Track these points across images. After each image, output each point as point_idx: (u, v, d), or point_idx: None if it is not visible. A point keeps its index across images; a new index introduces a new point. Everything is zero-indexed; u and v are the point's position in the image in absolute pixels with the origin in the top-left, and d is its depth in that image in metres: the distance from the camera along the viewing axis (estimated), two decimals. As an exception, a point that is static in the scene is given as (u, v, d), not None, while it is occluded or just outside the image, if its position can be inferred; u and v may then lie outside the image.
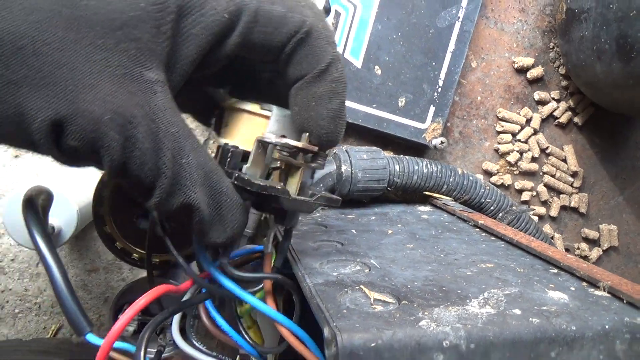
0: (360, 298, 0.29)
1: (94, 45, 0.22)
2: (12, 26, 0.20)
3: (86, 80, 0.22)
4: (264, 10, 0.26)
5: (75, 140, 0.22)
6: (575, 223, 0.69)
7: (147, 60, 0.23)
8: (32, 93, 0.21)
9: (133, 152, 0.23)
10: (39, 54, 0.21)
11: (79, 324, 0.28)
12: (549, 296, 0.30)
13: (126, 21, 0.23)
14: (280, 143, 0.28)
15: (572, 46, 0.58)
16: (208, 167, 0.26)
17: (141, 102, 0.23)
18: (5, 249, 0.56)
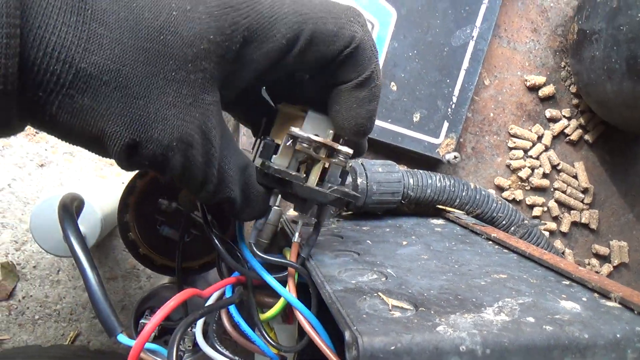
0: (379, 304, 0.30)
1: (167, 79, 0.24)
2: (99, 60, 0.22)
3: (159, 112, 0.25)
4: (318, 31, 0.28)
5: (145, 160, 0.26)
6: (585, 239, 0.69)
7: (210, 85, 0.26)
8: (113, 120, 0.24)
9: (190, 167, 0.27)
10: (120, 88, 0.23)
11: (111, 324, 0.29)
12: (562, 306, 0.31)
13: (197, 54, 0.25)
14: (304, 137, 0.32)
15: (583, 66, 0.60)
16: (243, 166, 0.30)
17: (200, 124, 0.26)
18: (28, 255, 0.58)
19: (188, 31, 0.25)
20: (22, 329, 0.58)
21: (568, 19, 0.66)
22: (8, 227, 0.57)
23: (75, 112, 0.23)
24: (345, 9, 0.30)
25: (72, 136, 0.25)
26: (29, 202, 0.57)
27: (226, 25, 0.26)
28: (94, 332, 0.60)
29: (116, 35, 0.23)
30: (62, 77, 0.22)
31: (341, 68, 0.30)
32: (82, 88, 0.22)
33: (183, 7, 0.25)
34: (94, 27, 0.22)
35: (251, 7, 0.26)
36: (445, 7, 0.58)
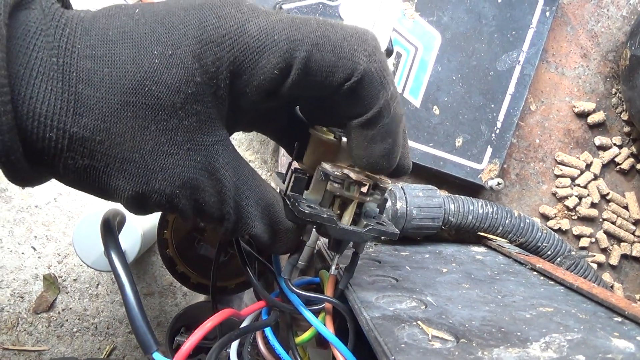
0: (418, 334, 0.29)
1: (159, 129, 0.24)
2: (89, 121, 0.23)
3: (156, 163, 0.25)
4: (313, 60, 0.26)
5: (155, 208, 0.26)
6: (637, 273, 0.66)
7: (207, 126, 0.26)
8: (114, 176, 0.24)
9: (202, 208, 0.27)
10: (114, 145, 0.24)
11: (147, 341, 0.29)
12: (614, 344, 0.29)
13: (185, 99, 0.24)
14: (334, 174, 0.30)
15: (636, 92, 0.57)
16: (266, 201, 0.29)
17: (204, 166, 0.26)
18: (70, 269, 0.59)
19: (172, 78, 0.24)
20: (61, 340, 0.59)
21: (620, 44, 0.64)
22: (52, 240, 0.58)
23: (80, 172, 0.24)
24: (348, 34, 0.26)
25: (86, 189, 0.26)
26: (73, 216, 0.58)
27: (209, 63, 0.24)
28: (130, 348, 0.60)
29: (102, 93, 0.23)
30: (59, 143, 0.23)
31: (346, 102, 0.27)
32: (79, 150, 0.23)
33: (165, 52, 0.24)
34: (80, 89, 0.22)
35: (235, 39, 0.25)
36: (491, 32, 0.57)
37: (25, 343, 0.58)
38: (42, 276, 0.58)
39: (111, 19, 0.24)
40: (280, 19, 0.26)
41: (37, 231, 0.58)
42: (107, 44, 0.23)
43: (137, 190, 0.25)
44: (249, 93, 0.26)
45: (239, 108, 0.27)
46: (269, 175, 0.60)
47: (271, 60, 0.25)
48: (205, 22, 0.25)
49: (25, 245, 0.58)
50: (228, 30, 0.25)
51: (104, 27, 0.24)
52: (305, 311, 0.32)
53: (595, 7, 0.63)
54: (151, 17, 0.25)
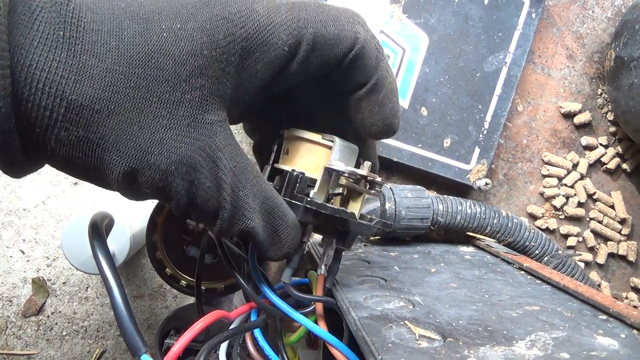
0: (405, 333, 0.29)
1: (161, 100, 0.24)
2: (90, 90, 0.22)
3: (154, 136, 0.24)
4: (320, 35, 0.27)
5: (146, 188, 0.25)
6: (623, 271, 0.67)
7: (210, 103, 0.25)
8: (108, 149, 0.23)
9: (197, 192, 0.26)
10: (113, 115, 0.23)
11: (135, 344, 0.29)
12: (598, 342, 0.29)
13: (191, 72, 0.24)
14: (348, 171, 0.31)
15: (621, 93, 0.58)
16: (265, 194, 0.28)
17: (203, 145, 0.25)
18: (59, 272, 0.58)
19: (179, 50, 0.24)
20: (50, 344, 0.59)
21: (605, 45, 0.64)
22: (41, 243, 0.58)
23: (73, 145, 0.23)
24: (343, 11, 0.29)
25: (75, 169, 0.25)
26: (62, 219, 0.58)
27: (221, 38, 0.25)
28: (120, 351, 0.60)
29: (107, 64, 0.23)
30: (55, 111, 0.22)
31: (350, 73, 0.29)
32: (75, 120, 0.22)
33: (173, 27, 0.24)
34: (84, 60, 0.22)
35: (246, 16, 0.26)
36: (477, 33, 0.58)
37: (14, 347, 0.58)
38: (30, 279, 0.58)
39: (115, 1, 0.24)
40: (282, 2, 0.27)
41: (25, 234, 0.57)
42: (114, 20, 0.23)
43: (132, 166, 0.24)
44: (259, 70, 0.27)
45: (244, 91, 0.27)
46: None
47: (282, 37, 0.26)
48: (213, 1, 0.25)
49: (14, 248, 0.57)
50: (238, 9, 0.26)
51: (110, 7, 0.24)
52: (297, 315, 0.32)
53: (581, 8, 0.64)
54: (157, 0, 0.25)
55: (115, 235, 0.49)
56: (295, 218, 0.30)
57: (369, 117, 0.31)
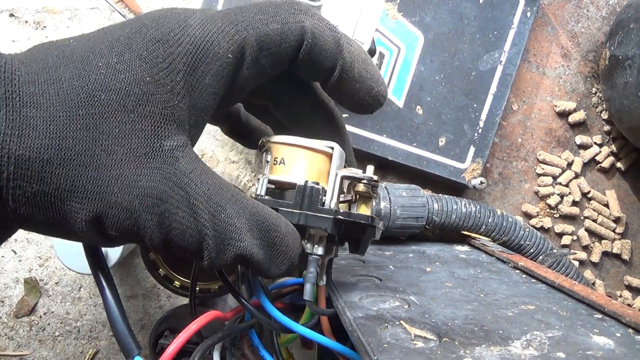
0: (401, 333, 0.29)
1: (111, 136, 0.23)
2: (35, 141, 0.21)
3: (111, 173, 0.22)
4: (262, 34, 0.26)
5: (114, 230, 0.23)
6: (617, 270, 0.67)
7: (165, 129, 0.24)
8: (67, 198, 0.22)
9: (171, 225, 0.24)
10: (65, 162, 0.22)
11: (128, 345, 0.29)
12: (594, 341, 0.29)
13: (137, 100, 0.23)
14: (367, 177, 0.30)
15: (616, 92, 0.58)
16: (250, 210, 0.26)
17: (166, 174, 0.24)
18: (51, 272, 0.58)
19: (120, 82, 0.23)
20: (42, 345, 0.58)
21: (599, 44, 0.65)
22: (33, 243, 0.57)
23: (30, 202, 0.22)
24: (282, 4, 0.28)
25: (42, 227, 0.23)
26: (54, 218, 0.57)
27: (160, 60, 0.24)
28: (113, 351, 0.59)
29: (49, 112, 0.22)
30: (5, 170, 0.21)
31: (313, 63, 0.29)
32: (26, 175, 0.21)
33: (110, 61, 0.23)
34: (25, 112, 0.21)
35: (181, 33, 0.25)
36: (473, 32, 0.58)
37: (6, 348, 0.57)
38: (23, 280, 0.57)
39: (47, 51, 0.23)
40: (216, 11, 0.26)
41: (17, 234, 0.57)
42: (49, 69, 0.22)
43: (94, 210, 0.22)
44: (209, 84, 0.25)
45: (200, 108, 0.26)
46: (253, 176, 0.60)
47: (222, 45, 0.25)
48: (144, 28, 0.24)
49: (5, 248, 0.57)
50: (171, 27, 0.25)
51: (42, 58, 0.23)
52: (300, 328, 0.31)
53: (575, 7, 0.64)
54: (88, 40, 0.24)
55: (108, 235, 0.48)
56: (289, 226, 0.28)
57: (355, 95, 0.30)
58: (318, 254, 0.30)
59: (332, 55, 0.29)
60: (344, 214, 0.29)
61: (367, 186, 0.30)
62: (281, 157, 0.31)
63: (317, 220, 0.29)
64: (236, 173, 0.60)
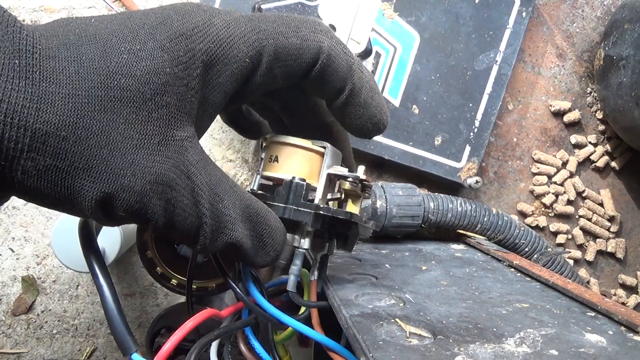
0: (396, 331, 0.29)
1: (128, 122, 0.23)
2: (53, 117, 0.22)
3: (125, 158, 0.23)
4: (281, 46, 0.27)
5: (122, 212, 0.24)
6: (612, 269, 0.68)
7: (177, 120, 0.25)
8: (79, 176, 0.23)
9: (175, 211, 0.25)
10: (80, 141, 0.22)
11: (126, 342, 0.29)
12: (587, 339, 0.30)
13: (155, 90, 0.24)
14: (352, 176, 0.31)
15: (610, 92, 0.59)
16: (244, 203, 0.28)
17: (176, 162, 0.25)
18: (49, 270, 0.58)
19: (141, 70, 0.24)
20: (40, 342, 0.59)
21: (594, 44, 0.65)
22: (30, 241, 0.57)
23: (41, 175, 0.22)
24: (305, 21, 0.29)
25: (45, 199, 0.24)
26: (52, 217, 0.57)
27: (181, 54, 0.25)
28: (110, 349, 0.60)
29: (68, 90, 0.22)
30: (20, 142, 0.21)
31: (323, 82, 0.30)
32: (41, 149, 0.22)
33: (133, 48, 0.24)
34: (44, 87, 0.22)
35: (205, 31, 0.26)
36: (468, 32, 0.58)
37: (3, 346, 0.58)
38: (20, 278, 0.57)
39: (68, 27, 0.24)
40: (241, 14, 0.27)
41: (15, 233, 0.57)
42: (70, 46, 0.23)
43: (105, 191, 0.23)
44: (222, 83, 0.26)
45: (210, 104, 0.27)
46: (249, 175, 0.60)
47: (242, 49, 0.26)
48: (169, 19, 0.25)
49: (3, 246, 0.57)
50: (196, 24, 0.25)
51: (63, 34, 0.23)
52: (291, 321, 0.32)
53: (571, 8, 0.64)
54: (111, 22, 0.24)
55: (105, 233, 0.48)
56: (277, 220, 0.30)
57: (357, 120, 0.31)
58: (304, 247, 0.31)
59: (342, 78, 0.30)
60: (324, 209, 0.30)
61: (353, 184, 0.31)
62: (275, 155, 0.32)
63: (299, 214, 0.30)
64: (233, 172, 0.60)
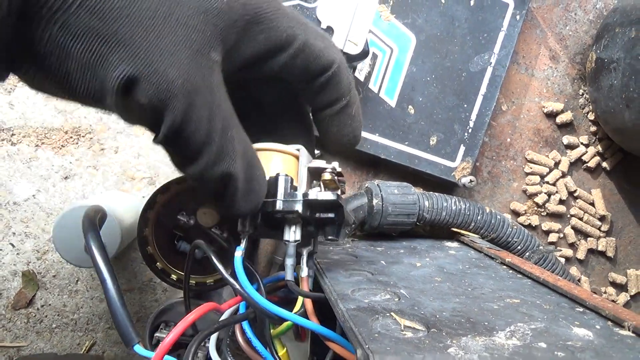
0: (391, 324, 0.30)
1: (180, 22, 0.25)
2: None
3: (168, 47, 0.24)
4: (310, 43, 0.30)
5: (145, 97, 0.24)
6: (602, 267, 0.69)
7: (217, 44, 0.26)
8: (119, 47, 0.23)
9: (191, 118, 0.25)
10: (132, 16, 0.23)
11: (128, 334, 0.30)
12: (574, 332, 0.31)
13: (211, 9, 0.26)
14: (330, 167, 0.34)
15: (601, 94, 0.60)
16: (246, 142, 0.30)
17: (206, 76, 0.26)
18: (49, 265, 0.59)
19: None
20: (40, 336, 0.59)
21: (586, 47, 0.66)
22: (31, 237, 0.58)
23: (79, 35, 0.22)
24: (327, 35, 0.33)
25: (66, 68, 0.23)
26: (52, 212, 0.58)
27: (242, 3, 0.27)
28: (109, 343, 0.60)
29: None
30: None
31: (325, 90, 0.33)
32: (92, 8, 0.22)
33: None
34: None
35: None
36: (463, 34, 0.59)
37: (3, 339, 0.58)
38: (20, 272, 0.58)
39: None
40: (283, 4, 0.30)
41: (15, 228, 0.58)
42: None
43: (138, 68, 0.23)
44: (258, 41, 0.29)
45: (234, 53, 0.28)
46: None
47: (283, 24, 0.29)
48: None
49: (4, 241, 0.57)
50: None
51: None
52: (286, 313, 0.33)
53: (564, 11, 0.65)
54: None
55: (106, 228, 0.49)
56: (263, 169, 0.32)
57: (343, 129, 0.35)
58: (296, 239, 0.34)
59: (343, 89, 0.33)
60: (311, 196, 0.32)
61: (332, 174, 0.34)
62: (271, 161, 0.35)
63: (290, 205, 0.32)
64: (231, 170, 0.61)
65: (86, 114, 0.59)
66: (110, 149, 0.59)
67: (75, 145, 0.58)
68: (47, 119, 0.58)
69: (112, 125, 0.59)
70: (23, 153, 0.57)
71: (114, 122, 0.59)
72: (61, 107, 0.58)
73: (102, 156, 0.59)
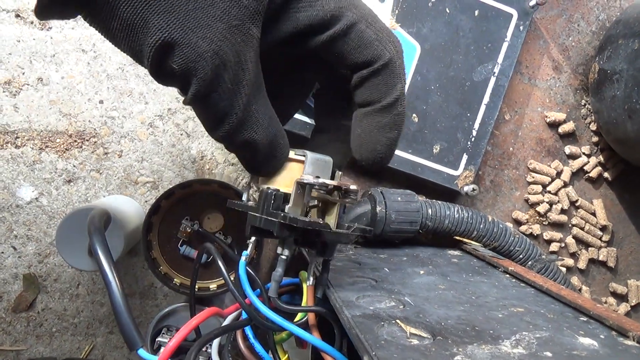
0: (397, 332, 0.30)
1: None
2: None
3: (205, 20, 0.25)
4: (357, 27, 0.29)
5: (176, 64, 0.25)
6: (603, 277, 0.69)
7: (256, 20, 0.27)
8: (159, 13, 0.24)
9: (217, 88, 0.27)
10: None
11: (132, 338, 0.30)
12: (579, 342, 0.31)
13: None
14: (317, 183, 0.31)
15: (604, 104, 0.60)
16: (271, 116, 0.30)
17: (239, 51, 0.27)
18: (50, 268, 0.59)
19: None
20: (39, 340, 0.59)
21: (589, 58, 0.67)
22: (33, 240, 0.58)
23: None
24: (389, 30, 0.30)
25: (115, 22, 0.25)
26: (55, 216, 0.58)
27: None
28: (109, 347, 0.60)
29: None
30: None
31: (365, 84, 0.31)
32: None
33: None
34: None
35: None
36: (467, 44, 0.59)
37: (3, 343, 0.58)
38: (21, 276, 0.58)
39: None
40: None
41: (17, 231, 0.58)
42: None
43: (174, 37, 0.25)
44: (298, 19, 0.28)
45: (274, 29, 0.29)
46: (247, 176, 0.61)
47: (330, 4, 0.28)
48: None
49: (5, 244, 0.57)
50: None
51: None
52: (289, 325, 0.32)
53: (567, 22, 0.66)
54: None
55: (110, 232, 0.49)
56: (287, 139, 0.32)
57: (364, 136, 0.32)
58: (285, 254, 0.32)
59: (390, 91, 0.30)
60: (289, 219, 0.30)
61: (319, 192, 0.32)
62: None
63: (268, 223, 0.31)
64: (234, 175, 0.61)
65: (90, 118, 0.59)
66: (113, 153, 0.59)
67: (79, 149, 0.58)
68: (52, 123, 0.58)
69: (116, 129, 0.59)
70: (27, 156, 0.58)
71: (118, 126, 0.59)
72: (66, 111, 0.58)
73: (106, 160, 0.59)
